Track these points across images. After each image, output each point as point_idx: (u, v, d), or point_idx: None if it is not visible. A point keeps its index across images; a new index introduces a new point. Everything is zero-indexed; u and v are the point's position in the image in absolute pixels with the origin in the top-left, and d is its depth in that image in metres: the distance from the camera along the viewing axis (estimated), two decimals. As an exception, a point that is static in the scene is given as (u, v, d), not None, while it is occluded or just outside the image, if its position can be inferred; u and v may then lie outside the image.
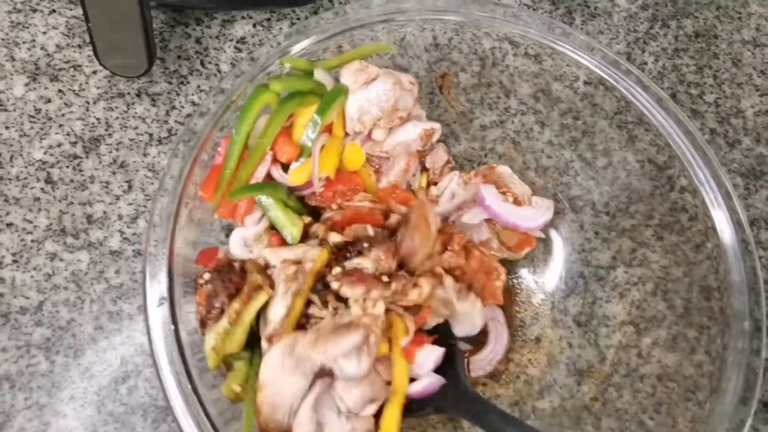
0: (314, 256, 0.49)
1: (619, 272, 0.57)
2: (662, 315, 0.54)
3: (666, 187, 0.55)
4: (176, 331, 0.43)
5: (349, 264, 0.48)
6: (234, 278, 0.49)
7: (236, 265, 0.50)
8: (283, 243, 0.52)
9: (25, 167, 0.59)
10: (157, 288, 0.44)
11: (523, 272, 0.60)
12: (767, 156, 0.66)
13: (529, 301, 0.59)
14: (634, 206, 0.57)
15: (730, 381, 0.47)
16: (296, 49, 0.53)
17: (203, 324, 0.48)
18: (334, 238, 0.50)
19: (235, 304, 0.47)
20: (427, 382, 0.49)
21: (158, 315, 0.44)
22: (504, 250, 0.56)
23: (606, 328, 0.56)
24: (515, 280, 0.60)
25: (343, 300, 0.48)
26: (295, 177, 0.52)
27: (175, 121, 0.62)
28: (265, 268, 0.51)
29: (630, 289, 0.57)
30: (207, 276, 0.48)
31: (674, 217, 0.55)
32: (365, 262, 0.48)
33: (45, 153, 0.60)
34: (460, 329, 0.54)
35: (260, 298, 0.47)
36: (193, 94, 0.63)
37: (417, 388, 0.49)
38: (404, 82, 0.55)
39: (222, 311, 0.47)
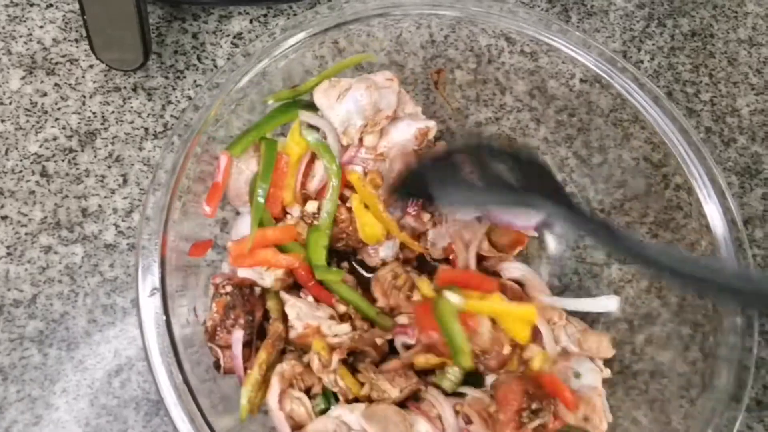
0: (340, 332, 0.50)
1: (613, 269, 0.57)
2: (656, 312, 0.54)
3: (661, 185, 0.55)
4: (168, 322, 0.43)
5: None
6: (252, 299, 0.50)
7: (257, 290, 0.51)
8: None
9: (21, 160, 0.59)
10: (149, 279, 0.44)
11: (518, 269, 0.60)
12: (762, 155, 0.66)
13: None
14: (629, 204, 0.57)
15: (721, 378, 0.47)
16: (290, 42, 0.53)
17: (213, 334, 0.48)
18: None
19: (262, 353, 0.48)
20: None
21: (150, 306, 0.44)
22: (494, 251, 0.56)
23: (600, 325, 0.56)
24: (509, 277, 0.60)
25: None
26: None
27: (171, 116, 0.62)
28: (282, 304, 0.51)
29: (624, 286, 0.57)
30: (229, 288, 0.49)
31: (669, 215, 0.55)
32: None
33: (40, 146, 0.60)
34: None
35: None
36: (189, 89, 0.63)
37: None
38: (379, 81, 0.54)
39: (234, 324, 0.47)
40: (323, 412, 0.49)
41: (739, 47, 0.70)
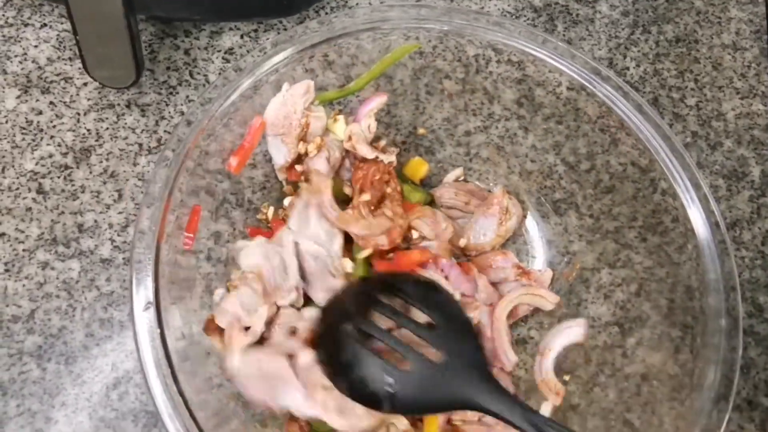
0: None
1: (603, 274, 0.58)
2: (646, 315, 0.55)
3: (649, 189, 0.56)
4: (162, 335, 0.44)
5: None
6: None
7: None
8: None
9: (17, 178, 0.60)
10: (143, 293, 0.45)
11: (509, 275, 0.61)
12: (749, 158, 0.67)
13: (515, 303, 0.60)
14: (617, 208, 0.58)
15: (707, 378, 0.48)
16: (281, 57, 0.54)
17: None
18: None
19: None
20: None
21: (144, 319, 0.45)
22: None
23: (591, 329, 0.57)
24: (500, 283, 0.61)
25: None
26: None
27: (165, 131, 0.63)
28: None
29: (614, 290, 0.57)
30: None
31: (657, 219, 0.55)
32: None
33: (36, 164, 0.61)
34: None
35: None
36: (182, 105, 0.64)
37: None
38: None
39: None
40: None
41: (723, 52, 0.71)
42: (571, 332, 0.57)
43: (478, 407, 0.45)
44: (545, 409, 0.55)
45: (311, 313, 0.51)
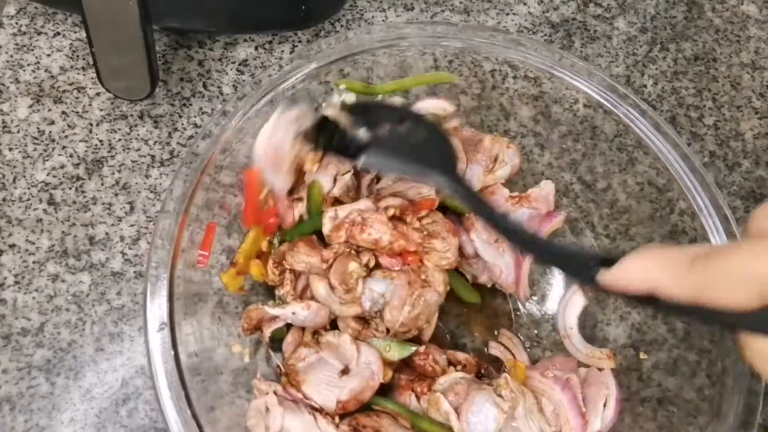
0: None
1: (619, 295, 0.57)
2: (663, 338, 0.55)
3: (666, 210, 0.55)
4: (176, 356, 0.43)
5: None
6: None
7: None
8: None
9: (28, 188, 0.60)
10: (157, 312, 0.45)
11: (524, 294, 0.60)
12: (767, 179, 0.66)
13: (530, 324, 0.59)
14: (634, 228, 0.58)
15: (730, 405, 0.47)
16: (298, 74, 0.54)
17: None
18: None
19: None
20: None
21: (158, 339, 0.44)
22: None
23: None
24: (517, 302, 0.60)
25: None
26: None
27: (177, 143, 0.62)
28: None
29: (630, 312, 0.57)
30: None
31: (675, 240, 0.55)
32: None
33: (48, 174, 0.60)
34: None
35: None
36: (195, 116, 0.64)
37: None
38: None
39: None
40: None
41: (742, 71, 0.70)
42: (574, 301, 0.58)
43: (440, 183, 0.48)
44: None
45: None
